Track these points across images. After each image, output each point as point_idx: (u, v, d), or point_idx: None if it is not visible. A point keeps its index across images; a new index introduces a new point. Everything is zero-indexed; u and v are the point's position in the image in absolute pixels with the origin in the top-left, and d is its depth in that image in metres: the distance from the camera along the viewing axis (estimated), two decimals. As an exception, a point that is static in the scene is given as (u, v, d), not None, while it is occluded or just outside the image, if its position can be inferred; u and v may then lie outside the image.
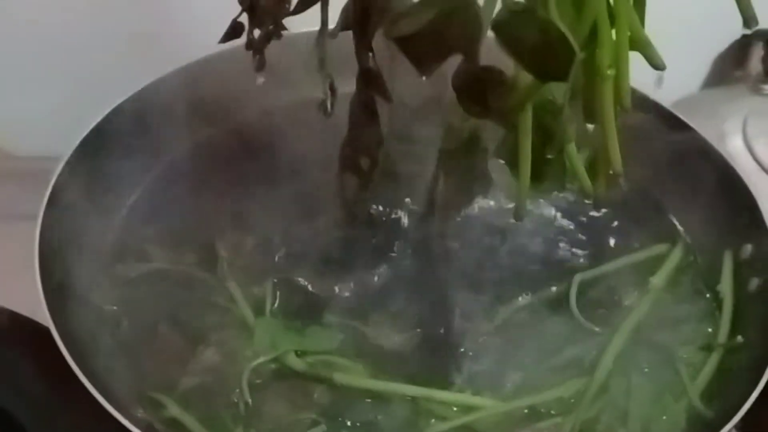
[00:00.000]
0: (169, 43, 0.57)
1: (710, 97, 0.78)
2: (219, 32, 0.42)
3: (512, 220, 0.52)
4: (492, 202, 0.54)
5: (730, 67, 0.80)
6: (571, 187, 0.45)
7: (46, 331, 0.47)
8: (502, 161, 0.43)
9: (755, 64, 0.77)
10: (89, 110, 0.53)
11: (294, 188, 0.54)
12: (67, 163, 0.50)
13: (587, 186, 0.43)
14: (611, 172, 0.41)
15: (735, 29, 0.36)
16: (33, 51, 0.66)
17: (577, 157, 0.43)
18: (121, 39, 0.65)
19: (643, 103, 0.56)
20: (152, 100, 0.54)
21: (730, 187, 0.54)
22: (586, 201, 0.52)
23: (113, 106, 0.53)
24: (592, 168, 0.43)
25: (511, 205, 0.49)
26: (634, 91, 0.43)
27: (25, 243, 0.46)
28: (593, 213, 0.57)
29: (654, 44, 0.42)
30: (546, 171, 0.42)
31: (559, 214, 0.57)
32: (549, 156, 0.42)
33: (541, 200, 0.56)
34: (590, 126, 0.41)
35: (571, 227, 0.56)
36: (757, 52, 0.77)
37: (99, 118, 0.52)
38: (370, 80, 0.42)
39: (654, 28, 0.39)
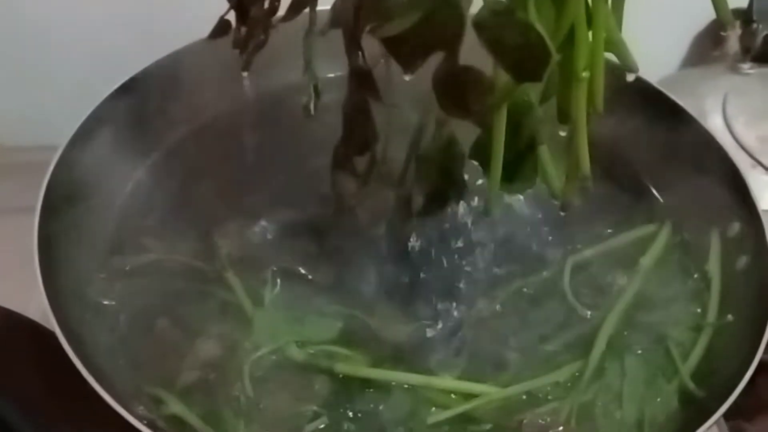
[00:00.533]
0: (164, 32, 0.53)
1: (689, 77, 0.75)
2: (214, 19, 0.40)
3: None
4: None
5: (708, 46, 0.77)
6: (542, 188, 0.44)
7: (40, 328, 0.44)
8: (476, 161, 0.42)
9: (733, 43, 0.74)
10: (83, 100, 0.49)
11: (291, 176, 0.51)
12: (62, 154, 0.46)
13: (556, 188, 0.42)
14: (580, 175, 0.40)
15: (712, 9, 0.34)
16: (26, 42, 0.62)
17: (548, 159, 0.42)
18: (116, 27, 0.61)
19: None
20: (146, 88, 0.50)
21: (717, 165, 0.52)
22: (555, 202, 0.50)
23: (106, 94, 0.49)
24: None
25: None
26: (618, 67, 0.41)
27: (13, 238, 0.42)
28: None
29: (632, 25, 0.40)
30: (518, 171, 0.41)
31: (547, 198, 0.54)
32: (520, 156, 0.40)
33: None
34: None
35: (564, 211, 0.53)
36: (735, 31, 0.73)
37: (92, 108, 0.49)
38: (360, 80, 0.39)
39: (631, 8, 0.37)
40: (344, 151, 0.43)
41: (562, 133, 0.41)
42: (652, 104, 0.55)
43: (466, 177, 0.44)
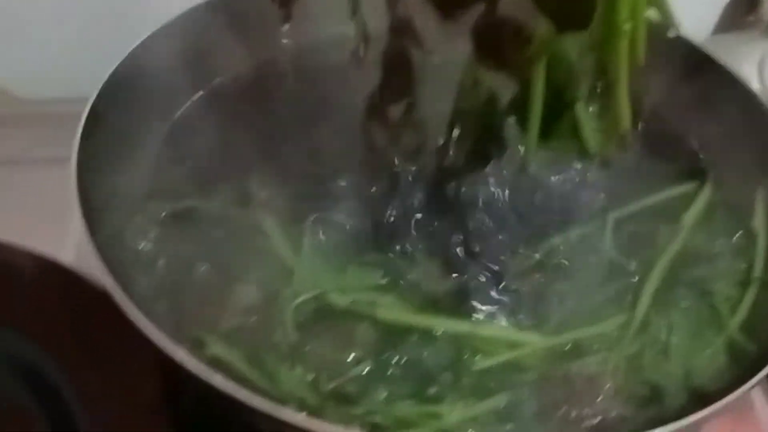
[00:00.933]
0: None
1: (724, 42, 0.73)
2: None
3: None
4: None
5: (742, 12, 0.75)
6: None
7: (73, 274, 0.43)
8: (513, 116, 0.41)
9: (767, 9, 0.72)
10: (114, 47, 0.47)
11: (330, 126, 0.49)
12: (95, 103, 0.45)
13: (592, 145, 0.41)
14: (620, 131, 0.40)
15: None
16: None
17: (586, 116, 0.41)
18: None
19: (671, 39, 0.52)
20: (181, 34, 0.49)
21: (761, 123, 0.50)
22: (591, 160, 0.47)
23: (141, 39, 0.48)
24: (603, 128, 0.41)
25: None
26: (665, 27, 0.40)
27: (44, 188, 0.41)
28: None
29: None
30: (554, 128, 0.41)
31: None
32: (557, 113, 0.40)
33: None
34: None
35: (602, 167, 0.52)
36: (770, -3, 0.72)
37: (125, 55, 0.47)
38: (401, 28, 0.39)
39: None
40: (381, 98, 0.42)
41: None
42: (695, 64, 0.53)
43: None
